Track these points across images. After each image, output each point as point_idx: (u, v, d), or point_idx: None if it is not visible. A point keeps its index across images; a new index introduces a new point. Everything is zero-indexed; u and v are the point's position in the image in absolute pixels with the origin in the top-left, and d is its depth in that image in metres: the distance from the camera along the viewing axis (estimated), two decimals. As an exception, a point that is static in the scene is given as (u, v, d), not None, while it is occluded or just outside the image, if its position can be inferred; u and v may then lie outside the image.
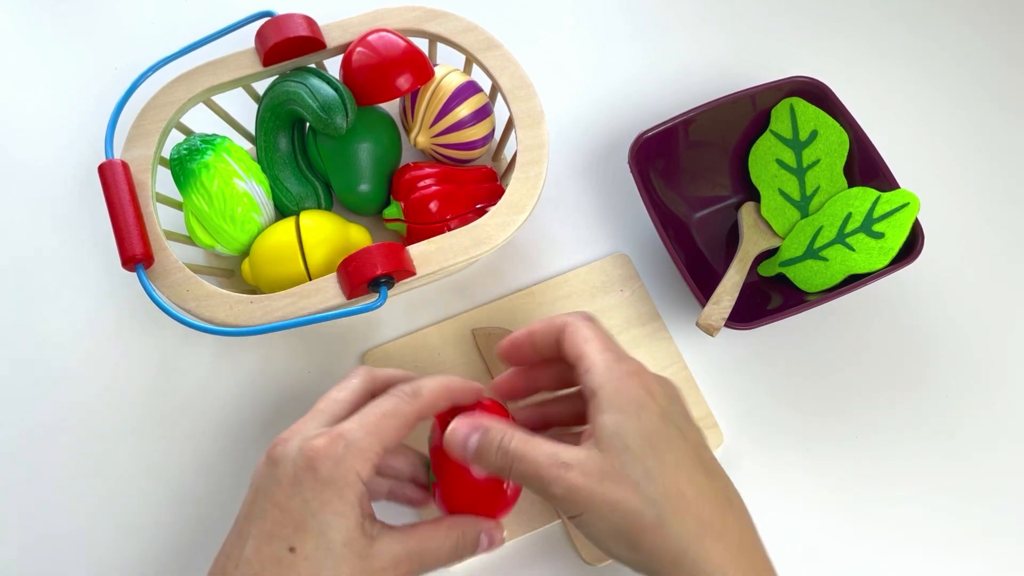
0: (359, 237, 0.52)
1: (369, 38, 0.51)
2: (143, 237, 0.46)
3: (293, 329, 0.54)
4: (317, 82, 0.51)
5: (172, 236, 0.52)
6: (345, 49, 0.53)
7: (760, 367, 0.55)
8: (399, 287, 0.50)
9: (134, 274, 0.52)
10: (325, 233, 0.51)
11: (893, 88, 0.63)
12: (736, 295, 0.52)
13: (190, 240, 0.53)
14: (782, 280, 0.56)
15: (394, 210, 0.54)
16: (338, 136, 0.51)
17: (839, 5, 0.66)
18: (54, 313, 0.56)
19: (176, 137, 0.56)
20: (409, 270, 0.47)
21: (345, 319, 0.55)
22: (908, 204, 0.53)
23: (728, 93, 0.56)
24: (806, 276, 0.54)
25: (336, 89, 0.50)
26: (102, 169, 0.48)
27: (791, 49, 0.64)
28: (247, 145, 0.57)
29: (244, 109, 0.57)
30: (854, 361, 0.55)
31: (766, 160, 0.57)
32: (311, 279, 0.49)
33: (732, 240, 0.58)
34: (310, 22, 0.52)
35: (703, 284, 0.53)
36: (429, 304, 0.56)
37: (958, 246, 0.58)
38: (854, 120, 0.56)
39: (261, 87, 0.55)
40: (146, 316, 0.55)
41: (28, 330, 0.55)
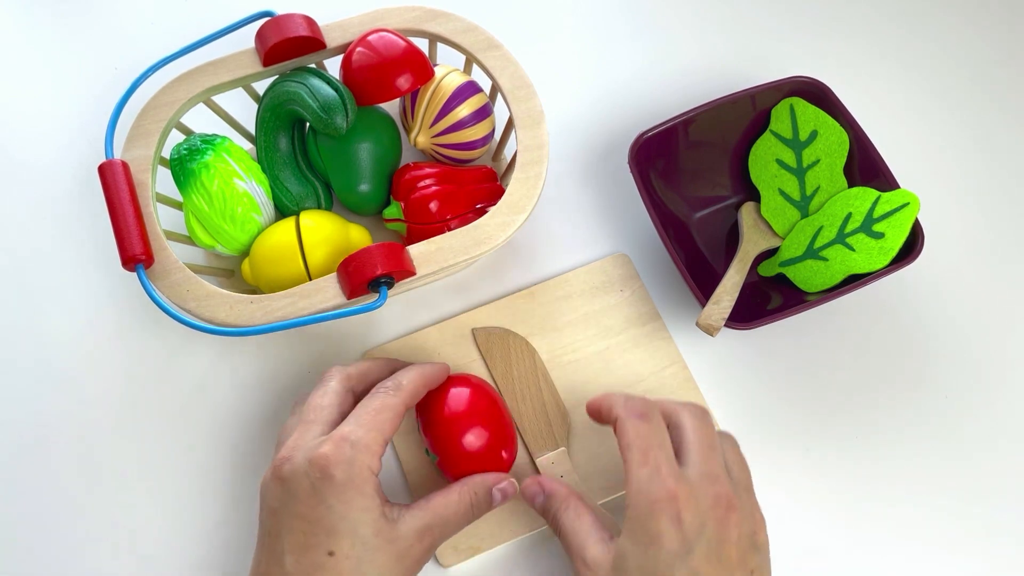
0: (359, 237, 0.52)
1: (369, 38, 0.51)
2: (143, 237, 0.46)
3: (293, 329, 0.54)
4: (317, 82, 0.51)
5: (172, 236, 0.52)
6: (345, 49, 0.53)
7: (760, 367, 0.55)
8: (399, 287, 0.50)
9: (134, 274, 0.52)
10: (325, 233, 0.51)
11: (893, 88, 0.63)
12: (736, 295, 0.52)
13: (190, 240, 0.53)
14: (782, 280, 0.56)
15: (394, 210, 0.54)
16: (338, 136, 0.51)
17: (839, 5, 0.66)
18: (54, 313, 0.56)
19: (176, 137, 0.56)
20: (409, 270, 0.47)
21: (345, 319, 0.55)
22: (908, 204, 0.53)
23: (728, 93, 0.56)
24: (806, 276, 0.54)
25: (336, 89, 0.50)
26: (102, 169, 0.48)
27: (791, 49, 0.64)
28: (247, 145, 0.57)
29: (244, 109, 0.57)
30: (854, 361, 0.55)
31: (766, 160, 0.57)
32: (311, 279, 0.49)
33: (732, 240, 0.58)
34: (310, 22, 0.52)
35: (703, 284, 0.53)
36: (429, 304, 0.56)
37: (958, 246, 0.58)
38: (854, 120, 0.56)
39: (261, 87, 0.55)
40: (146, 316, 0.55)
41: (28, 330, 0.55)
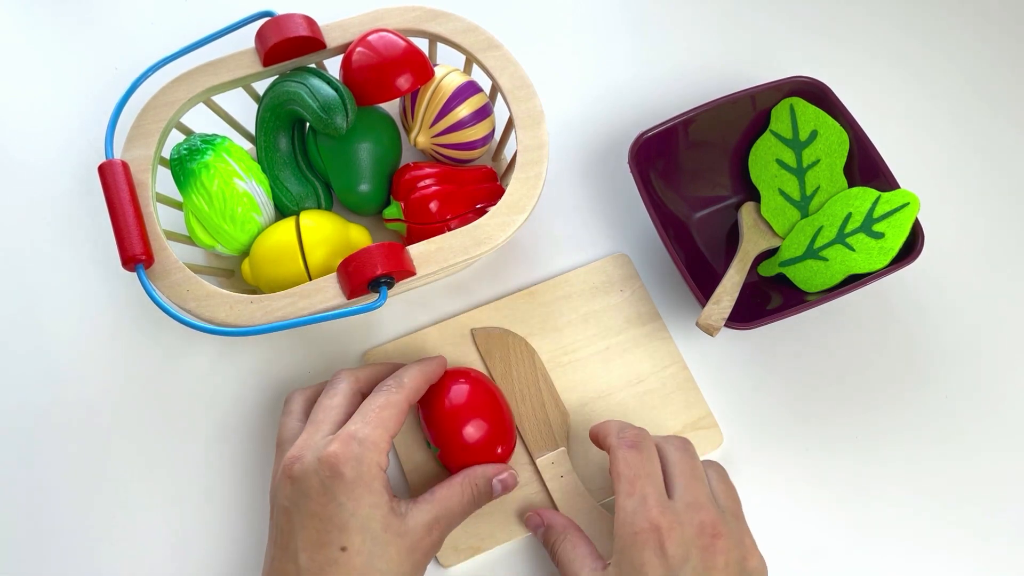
0: (359, 237, 0.52)
1: (369, 38, 0.51)
2: (143, 237, 0.46)
3: (293, 329, 0.54)
4: (317, 82, 0.51)
5: (172, 236, 0.52)
6: (345, 49, 0.53)
7: (760, 367, 0.55)
8: (399, 287, 0.50)
9: (134, 274, 0.52)
10: (325, 233, 0.51)
11: (893, 88, 0.63)
12: (736, 295, 0.52)
13: (190, 240, 0.53)
14: (782, 280, 0.56)
15: (394, 210, 0.54)
16: (338, 136, 0.51)
17: (839, 5, 0.66)
18: (54, 313, 0.56)
19: (176, 137, 0.56)
20: (409, 270, 0.47)
21: (345, 319, 0.55)
22: (908, 204, 0.53)
23: (728, 93, 0.56)
24: (806, 276, 0.54)
25: (336, 89, 0.50)
26: (102, 169, 0.48)
27: (791, 49, 0.64)
28: (247, 145, 0.57)
29: (244, 109, 0.57)
30: (854, 361, 0.55)
31: (766, 160, 0.57)
32: (311, 279, 0.49)
33: (732, 240, 0.58)
34: (310, 22, 0.52)
35: (703, 284, 0.53)
36: (429, 304, 0.56)
37: (958, 246, 0.58)
38: (854, 120, 0.56)
39: (261, 87, 0.55)
40: (146, 316, 0.55)
41: (28, 330, 0.55)
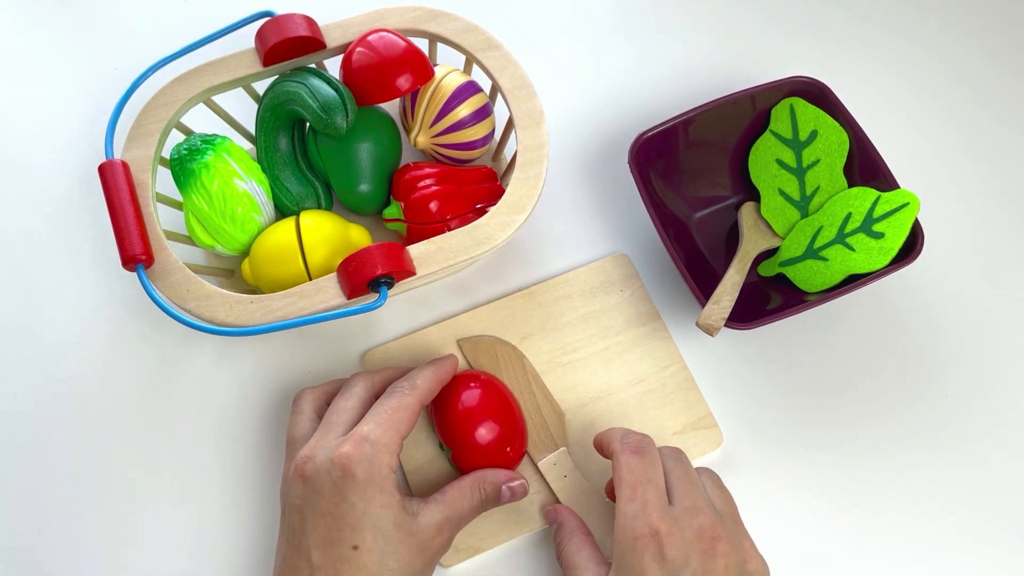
0: (359, 237, 0.52)
1: (369, 38, 0.51)
2: (143, 237, 0.46)
3: (293, 329, 0.54)
4: (317, 82, 0.51)
5: (172, 236, 0.52)
6: (345, 49, 0.53)
7: (760, 367, 0.55)
8: (399, 287, 0.50)
9: (134, 274, 0.52)
10: (325, 233, 0.51)
11: (893, 88, 0.63)
12: (736, 295, 0.52)
13: (190, 240, 0.53)
14: (782, 280, 0.56)
15: (394, 210, 0.54)
16: (338, 136, 0.51)
17: (840, 6, 0.66)
18: (53, 313, 0.56)
19: (176, 137, 0.56)
20: (409, 270, 0.47)
21: (345, 319, 0.55)
22: (908, 204, 0.53)
23: (728, 93, 0.56)
24: (806, 276, 0.54)
25: (336, 89, 0.50)
26: (102, 169, 0.48)
27: (791, 49, 0.64)
28: (247, 145, 0.57)
29: (244, 109, 0.57)
30: (854, 361, 0.55)
31: (766, 160, 0.57)
32: (311, 279, 0.49)
33: (732, 240, 0.58)
34: (310, 22, 0.52)
35: (703, 284, 0.53)
36: (429, 304, 0.56)
37: (958, 246, 0.58)
38: (854, 120, 0.56)
39: (261, 87, 0.55)
40: (146, 316, 0.55)
41: (27, 330, 0.55)
